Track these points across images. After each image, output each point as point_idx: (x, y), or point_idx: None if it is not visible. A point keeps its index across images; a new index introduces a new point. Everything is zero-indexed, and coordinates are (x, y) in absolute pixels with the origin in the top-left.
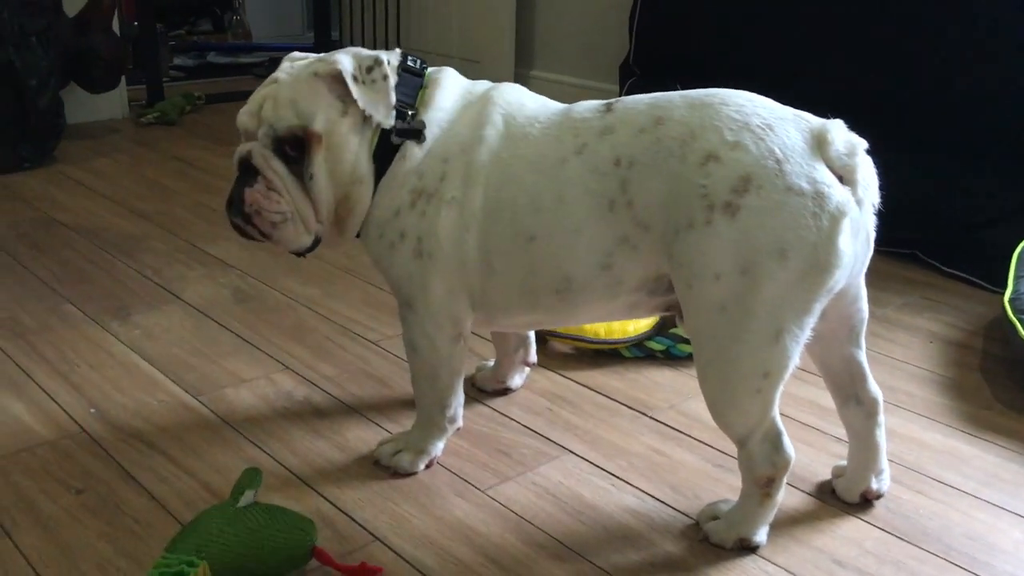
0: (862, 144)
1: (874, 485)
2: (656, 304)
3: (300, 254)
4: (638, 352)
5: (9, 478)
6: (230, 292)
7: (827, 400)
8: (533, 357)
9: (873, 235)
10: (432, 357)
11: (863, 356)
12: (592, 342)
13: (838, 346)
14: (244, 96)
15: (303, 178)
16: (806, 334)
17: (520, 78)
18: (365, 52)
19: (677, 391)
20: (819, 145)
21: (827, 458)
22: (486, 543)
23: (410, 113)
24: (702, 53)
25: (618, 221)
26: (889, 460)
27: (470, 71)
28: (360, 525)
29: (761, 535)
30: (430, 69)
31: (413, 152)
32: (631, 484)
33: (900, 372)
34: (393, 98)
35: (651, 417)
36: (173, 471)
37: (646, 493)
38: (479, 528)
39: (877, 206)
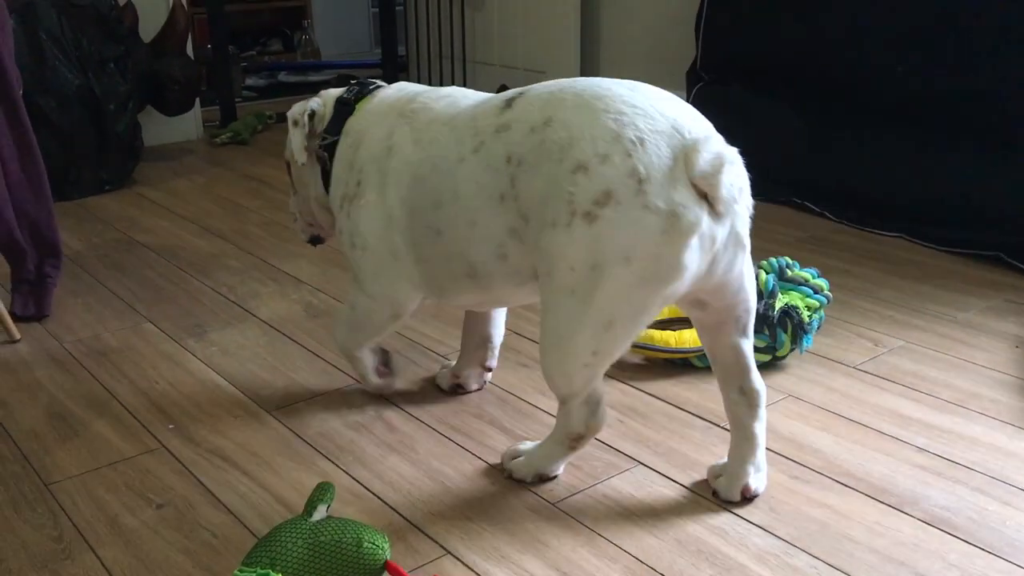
0: (730, 159)
1: (752, 482)
2: None
3: (312, 244)
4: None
5: (93, 493)
6: (302, 308)
7: (909, 410)
8: (493, 362)
9: (745, 235)
10: (364, 319)
11: (749, 347)
12: (663, 351)
13: (726, 336)
14: None
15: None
16: (639, 328)
17: None
18: (322, 97)
19: None
20: (685, 163)
21: (908, 469)
22: (557, 556)
23: (319, 144)
24: (769, 56)
25: (507, 214)
26: (972, 470)
27: (536, 81)
28: (432, 539)
29: (558, 470)
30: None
31: (337, 169)
32: (705, 497)
33: (984, 378)
34: (301, 142)
35: (724, 428)
36: (249, 485)
37: (720, 506)
38: (550, 541)
39: (751, 209)
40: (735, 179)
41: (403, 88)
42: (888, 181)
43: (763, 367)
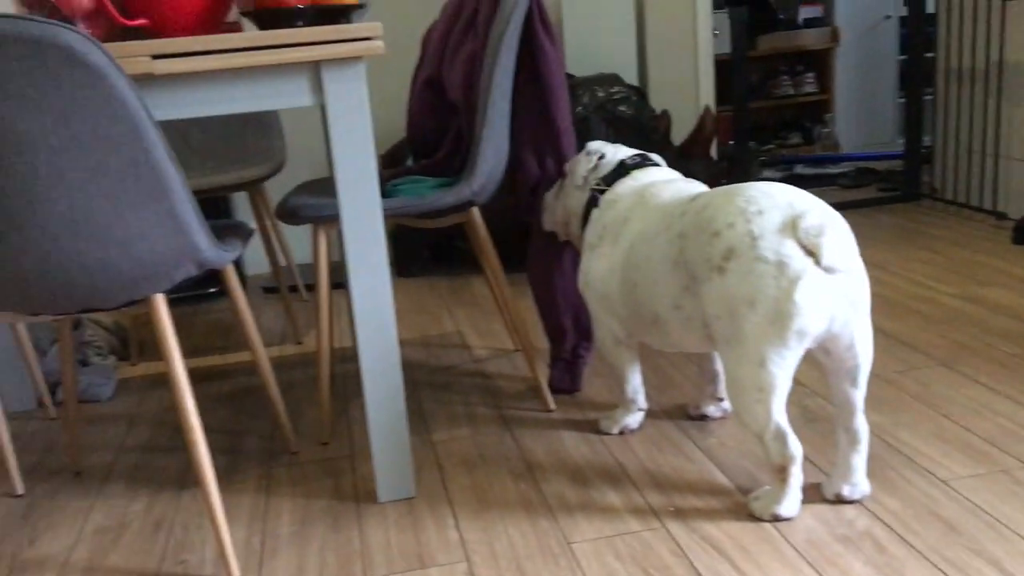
0: (832, 227)
1: (845, 491)
2: None
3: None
4: None
5: (603, 558)
6: (799, 411)
7: None
8: (721, 393)
9: (860, 297)
10: (605, 353)
11: (856, 396)
12: None
13: (838, 382)
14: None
15: None
16: (789, 362)
17: None
18: (607, 150)
19: None
20: (792, 226)
21: None
22: None
23: (597, 186)
24: None
25: (679, 275)
26: None
27: None
28: None
29: (783, 510)
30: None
31: (595, 217)
32: None
33: None
34: (585, 167)
35: None
36: None
37: None
38: None
39: (864, 276)
40: (837, 239)
41: (653, 176)
42: None
43: None
